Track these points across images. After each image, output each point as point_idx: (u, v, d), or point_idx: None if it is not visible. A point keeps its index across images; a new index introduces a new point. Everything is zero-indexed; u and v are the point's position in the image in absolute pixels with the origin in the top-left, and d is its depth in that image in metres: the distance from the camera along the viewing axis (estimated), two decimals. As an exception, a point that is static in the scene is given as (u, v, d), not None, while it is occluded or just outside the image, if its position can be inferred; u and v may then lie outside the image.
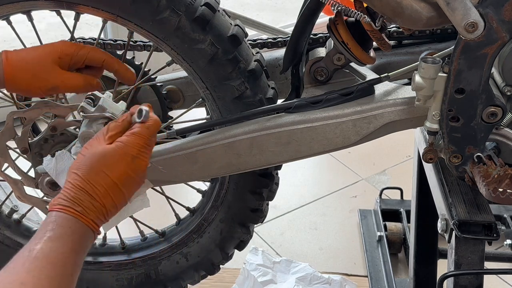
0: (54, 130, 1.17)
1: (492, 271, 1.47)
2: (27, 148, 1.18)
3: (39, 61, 0.97)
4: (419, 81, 0.97)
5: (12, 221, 1.34)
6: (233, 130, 1.08)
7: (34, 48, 1.01)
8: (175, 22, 1.03)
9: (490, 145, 1.07)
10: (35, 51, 0.99)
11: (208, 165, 1.10)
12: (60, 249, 0.80)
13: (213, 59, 1.06)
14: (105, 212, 0.87)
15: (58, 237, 0.81)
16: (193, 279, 1.35)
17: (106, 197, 0.87)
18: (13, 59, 0.97)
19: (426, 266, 1.48)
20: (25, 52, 1.00)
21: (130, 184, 0.90)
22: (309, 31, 1.10)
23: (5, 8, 1.07)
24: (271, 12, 3.53)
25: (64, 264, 0.79)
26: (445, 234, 1.12)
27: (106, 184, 0.87)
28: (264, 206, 1.26)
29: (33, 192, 1.34)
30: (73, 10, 1.08)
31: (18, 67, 0.97)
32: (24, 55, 0.99)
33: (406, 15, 0.95)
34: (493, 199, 0.98)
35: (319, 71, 1.11)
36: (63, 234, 0.81)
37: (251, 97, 1.11)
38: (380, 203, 1.95)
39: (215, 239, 1.28)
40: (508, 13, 0.90)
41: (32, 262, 0.77)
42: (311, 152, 1.08)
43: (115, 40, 1.28)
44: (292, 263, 1.75)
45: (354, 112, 1.05)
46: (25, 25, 1.17)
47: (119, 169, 0.88)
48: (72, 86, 1.01)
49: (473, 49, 0.93)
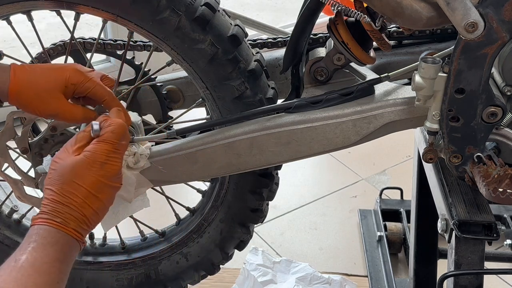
0: (54, 130, 1.17)
1: (492, 271, 1.48)
2: (27, 148, 1.18)
3: (46, 87, 0.98)
4: (419, 81, 0.97)
5: (12, 221, 1.34)
6: (233, 130, 1.08)
7: (44, 70, 1.01)
8: (175, 22, 1.03)
9: (490, 145, 1.07)
10: (44, 73, 1.00)
11: (208, 165, 1.10)
12: (45, 258, 0.83)
13: (213, 59, 1.06)
14: (86, 220, 0.89)
15: (41, 248, 0.84)
16: (193, 279, 1.35)
17: (84, 206, 0.89)
18: (20, 75, 0.98)
19: (426, 266, 1.48)
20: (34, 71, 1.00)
21: (105, 190, 0.92)
22: (309, 31, 1.10)
23: (5, 8, 1.07)
24: (271, 12, 3.53)
25: (49, 272, 0.82)
26: (445, 234, 1.12)
27: (80, 194, 0.89)
28: (264, 206, 1.26)
29: (33, 192, 1.34)
30: (73, 10, 1.08)
31: (24, 85, 0.98)
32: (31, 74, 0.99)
33: (406, 15, 0.95)
34: (493, 199, 0.98)
35: (319, 71, 1.11)
36: (45, 244, 0.84)
37: (251, 97, 1.10)
38: (380, 203, 1.95)
39: (215, 239, 1.28)
40: (508, 13, 0.90)
41: (18, 271, 0.80)
42: (311, 152, 1.08)
43: (115, 40, 1.28)
44: (292, 263, 1.75)
45: (354, 112, 1.05)
46: (25, 25, 1.17)
47: (90, 177, 0.90)
48: (71, 118, 1.02)
49: (473, 49, 0.93)
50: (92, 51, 1.21)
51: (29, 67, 1.01)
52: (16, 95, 0.97)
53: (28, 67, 1.01)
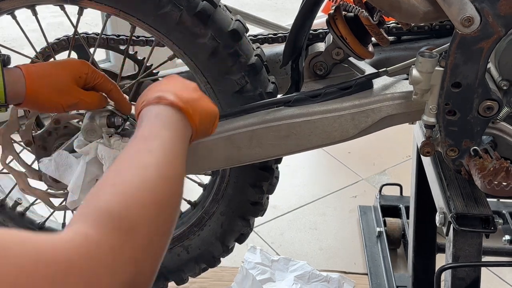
0: (57, 123, 1.18)
1: (489, 263, 1.48)
2: (31, 141, 1.20)
3: (61, 79, 0.99)
4: (416, 75, 0.99)
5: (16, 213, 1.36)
6: (233, 123, 1.09)
7: (54, 65, 1.03)
8: (177, 16, 1.05)
9: (486, 139, 1.09)
10: (55, 68, 1.01)
11: (208, 158, 1.11)
12: (174, 139, 0.77)
13: (214, 53, 1.08)
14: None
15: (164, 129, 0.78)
16: (194, 271, 1.36)
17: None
18: (33, 74, 0.98)
19: (424, 260, 1.49)
20: (44, 68, 1.01)
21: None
22: (308, 25, 1.11)
23: (10, 2, 1.09)
24: (271, 12, 3.54)
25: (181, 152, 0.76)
26: (443, 227, 1.13)
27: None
28: (264, 199, 1.27)
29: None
30: (77, 5, 1.10)
31: (40, 83, 0.98)
32: (44, 71, 1.00)
33: (403, 9, 0.97)
34: (488, 191, 0.99)
35: (318, 65, 1.13)
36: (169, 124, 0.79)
37: (251, 91, 1.12)
38: (380, 199, 1.96)
39: (215, 232, 1.29)
40: (504, 8, 0.91)
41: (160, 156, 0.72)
42: (310, 145, 1.09)
43: (118, 35, 1.29)
44: (291, 261, 1.75)
45: (352, 106, 1.06)
46: (26, 24, 1.19)
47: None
48: (90, 104, 1.03)
49: (469, 43, 0.94)
50: (95, 45, 1.22)
51: (39, 66, 1.02)
52: (34, 94, 0.98)
53: (39, 66, 1.02)
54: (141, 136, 0.75)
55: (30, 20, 1.19)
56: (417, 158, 1.44)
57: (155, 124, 0.78)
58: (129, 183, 0.65)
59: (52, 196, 1.24)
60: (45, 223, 1.38)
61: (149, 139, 0.74)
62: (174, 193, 0.69)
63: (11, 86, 0.95)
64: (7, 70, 0.96)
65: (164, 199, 0.67)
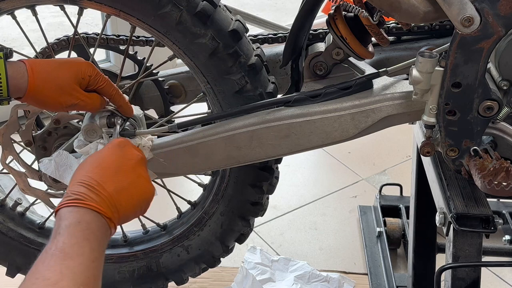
0: (57, 123, 1.18)
1: (489, 263, 1.49)
2: (31, 141, 1.20)
3: (66, 78, 0.99)
4: (416, 75, 0.98)
5: (16, 213, 1.36)
6: (233, 123, 1.09)
7: (60, 63, 1.02)
8: (177, 16, 1.05)
9: (486, 139, 1.09)
10: (60, 67, 1.01)
11: (208, 158, 1.11)
12: (72, 240, 0.79)
13: (214, 53, 1.08)
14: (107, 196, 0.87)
15: (65, 230, 0.80)
16: (194, 271, 1.36)
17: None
18: (38, 70, 0.98)
19: (424, 260, 1.49)
20: (50, 65, 1.01)
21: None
22: (308, 25, 1.11)
23: (10, 2, 1.09)
24: (271, 12, 3.55)
25: (81, 253, 0.78)
26: (443, 227, 1.13)
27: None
28: (264, 199, 1.27)
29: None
30: (77, 5, 1.10)
31: (43, 79, 0.98)
32: (48, 68, 0.99)
33: (403, 9, 0.96)
34: (488, 191, 0.99)
35: (318, 65, 1.12)
36: (69, 226, 0.81)
37: (251, 91, 1.12)
38: (380, 199, 1.96)
39: (215, 232, 1.29)
40: (504, 8, 0.91)
41: (50, 259, 0.76)
42: (310, 145, 1.09)
43: (118, 35, 1.29)
44: (291, 261, 1.76)
45: (352, 106, 1.06)
46: (26, 24, 1.19)
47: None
48: (90, 106, 1.04)
49: (469, 43, 0.94)
50: (95, 45, 1.22)
51: (44, 62, 1.02)
52: (36, 89, 0.97)
53: (43, 62, 1.02)
54: (61, 251, 0.76)
55: (30, 20, 1.19)
56: (417, 158, 1.44)
57: (75, 235, 0.79)
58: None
59: (52, 196, 1.24)
60: (45, 223, 1.38)
61: (68, 257, 0.75)
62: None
63: (13, 80, 0.95)
64: (10, 63, 0.96)
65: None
